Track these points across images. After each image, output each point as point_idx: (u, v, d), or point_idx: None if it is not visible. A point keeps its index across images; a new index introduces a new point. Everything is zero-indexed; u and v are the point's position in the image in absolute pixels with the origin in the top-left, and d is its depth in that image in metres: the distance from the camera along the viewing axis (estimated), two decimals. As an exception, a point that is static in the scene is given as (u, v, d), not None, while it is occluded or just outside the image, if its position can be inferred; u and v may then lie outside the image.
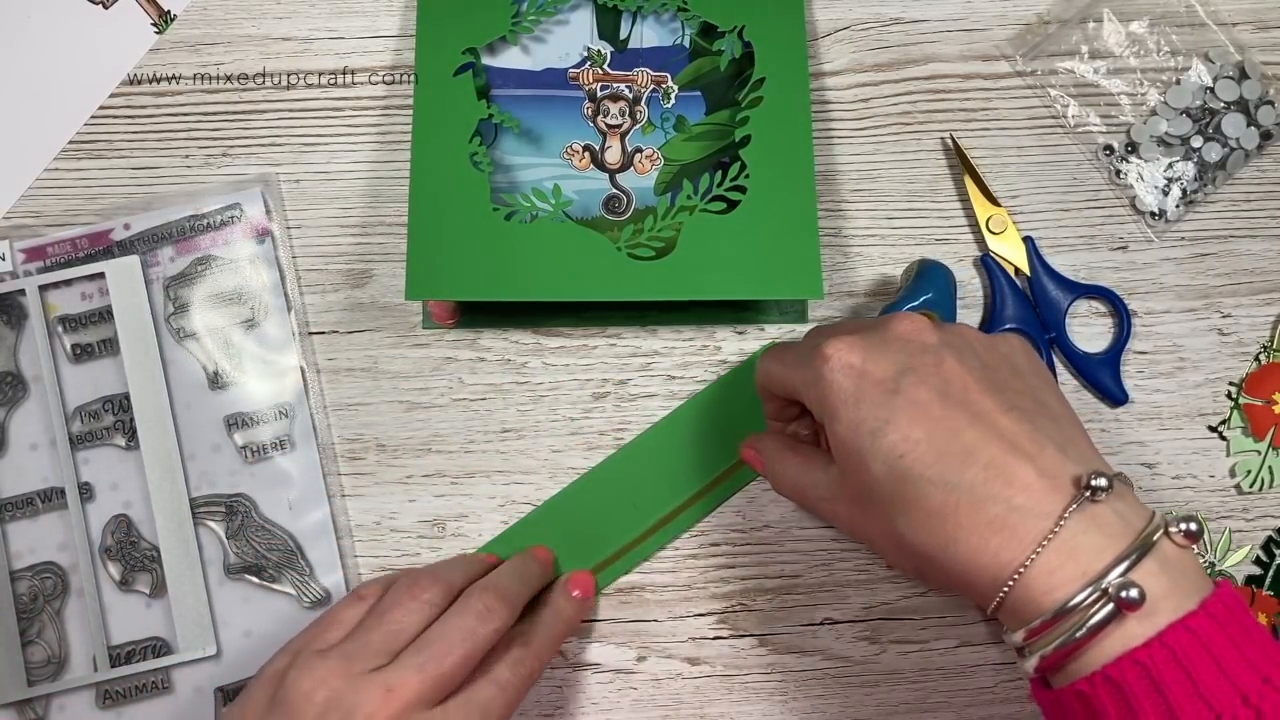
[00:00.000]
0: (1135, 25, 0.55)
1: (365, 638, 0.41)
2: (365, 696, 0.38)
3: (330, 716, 0.38)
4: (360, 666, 0.39)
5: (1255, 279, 0.52)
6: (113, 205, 0.52)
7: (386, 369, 0.51)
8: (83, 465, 0.49)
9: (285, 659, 0.41)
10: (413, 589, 0.43)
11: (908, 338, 0.39)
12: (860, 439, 0.37)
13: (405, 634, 0.41)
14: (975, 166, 0.52)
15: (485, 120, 0.50)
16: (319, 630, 0.42)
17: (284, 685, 0.39)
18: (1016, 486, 0.34)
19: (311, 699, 0.38)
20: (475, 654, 0.41)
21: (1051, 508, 0.34)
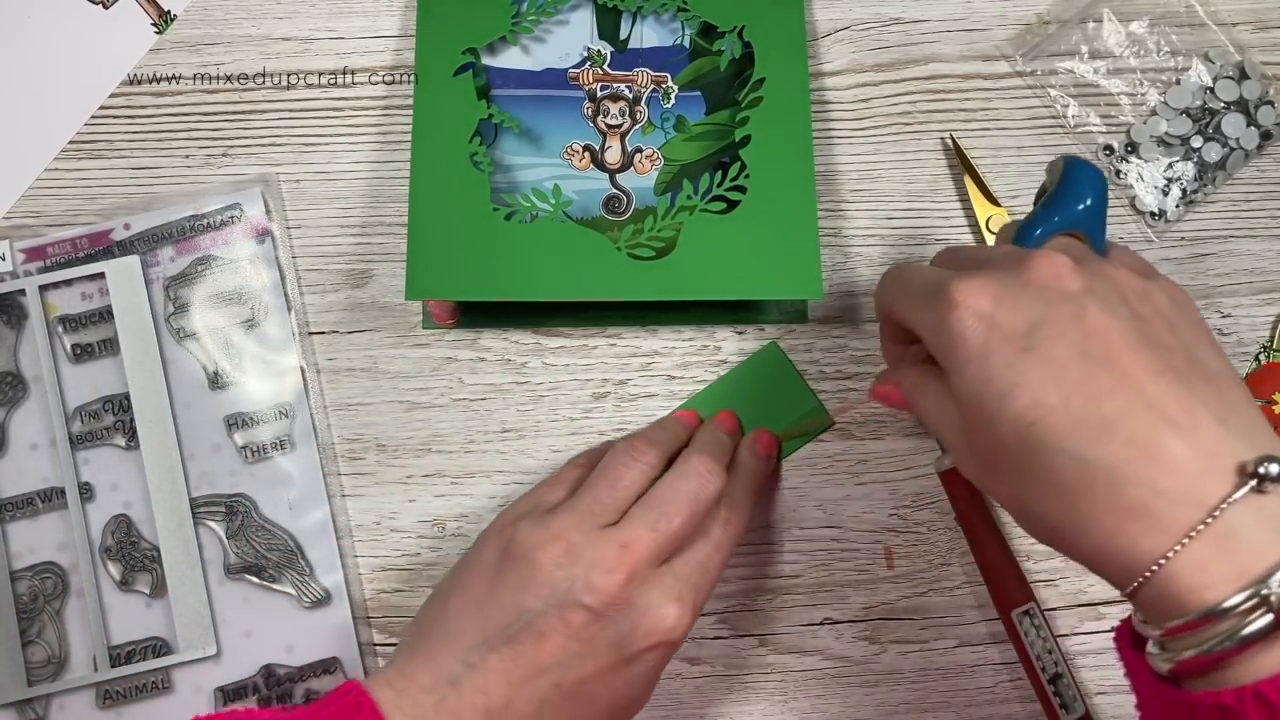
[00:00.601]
0: (1135, 25, 0.55)
1: (594, 495, 0.41)
2: (601, 552, 0.39)
3: (567, 569, 0.39)
4: (592, 522, 0.40)
5: (1255, 279, 0.52)
6: (113, 205, 0.52)
7: (386, 369, 0.51)
8: (83, 465, 0.49)
9: (511, 517, 0.42)
10: (631, 452, 0.43)
11: (1046, 283, 0.34)
12: (987, 400, 0.33)
13: (631, 493, 0.42)
14: (975, 166, 0.52)
15: (485, 120, 0.50)
16: (542, 491, 0.43)
17: (515, 540, 0.40)
18: (1164, 467, 0.30)
19: (547, 551, 0.39)
20: (699, 514, 0.41)
21: (1206, 495, 0.30)
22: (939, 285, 0.35)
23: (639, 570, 0.39)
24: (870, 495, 0.50)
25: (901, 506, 0.50)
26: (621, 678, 0.39)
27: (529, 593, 0.39)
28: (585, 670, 0.38)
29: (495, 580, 0.40)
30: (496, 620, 0.39)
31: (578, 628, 0.38)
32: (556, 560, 0.39)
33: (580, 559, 0.39)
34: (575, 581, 0.38)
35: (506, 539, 0.40)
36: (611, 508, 0.41)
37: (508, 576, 0.39)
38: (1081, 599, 0.50)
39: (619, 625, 0.39)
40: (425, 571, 0.49)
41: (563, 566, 0.39)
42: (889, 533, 0.50)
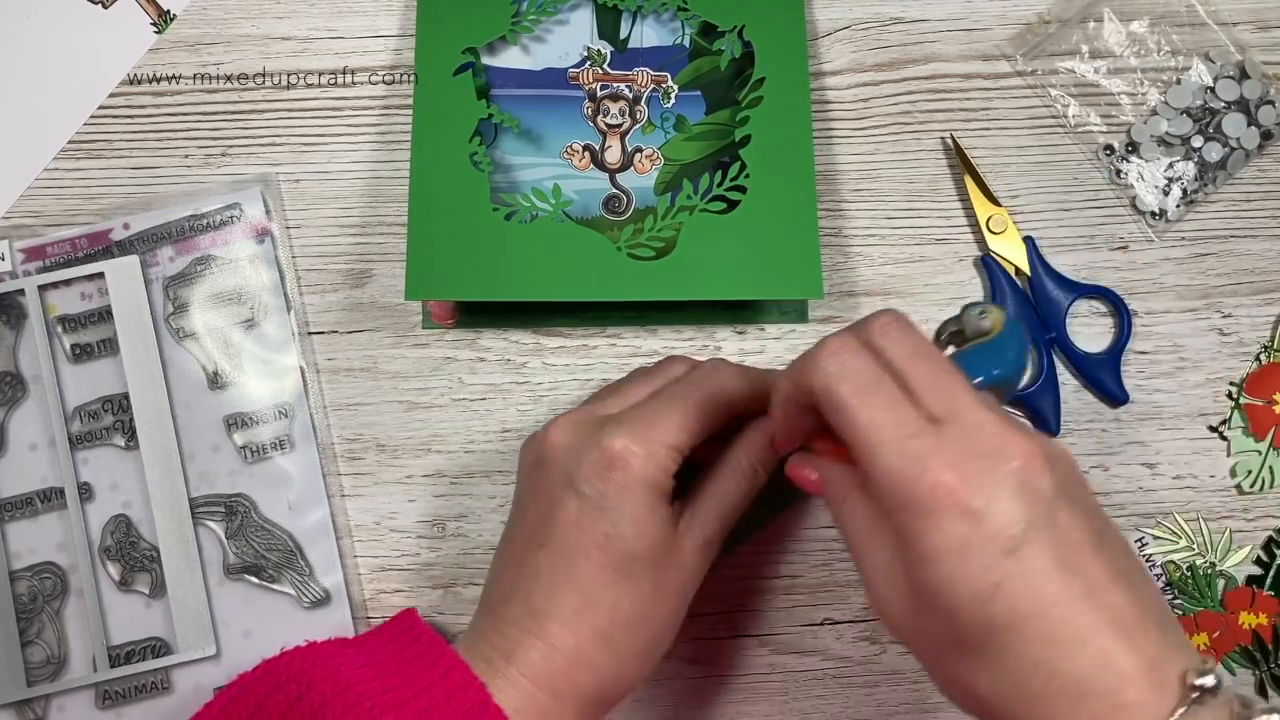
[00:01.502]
0: (1135, 25, 0.55)
1: (600, 399, 0.43)
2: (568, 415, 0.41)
3: (530, 444, 0.41)
4: (596, 412, 0.41)
5: (1256, 279, 0.52)
6: (112, 205, 0.52)
7: (386, 369, 0.51)
8: (82, 465, 0.49)
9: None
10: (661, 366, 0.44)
11: (1025, 476, 0.32)
12: (958, 597, 0.32)
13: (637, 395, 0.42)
14: (975, 166, 0.52)
15: (485, 120, 0.50)
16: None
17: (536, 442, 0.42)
18: (1124, 680, 0.31)
19: (555, 444, 0.40)
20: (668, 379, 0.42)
21: (1160, 709, 0.31)
22: (924, 452, 0.32)
23: (579, 418, 0.40)
24: (870, 495, 0.50)
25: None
26: (589, 515, 0.38)
27: (519, 479, 0.42)
28: (556, 521, 0.38)
29: (517, 485, 0.43)
30: (509, 518, 0.42)
31: (538, 485, 0.40)
32: (532, 435, 0.42)
33: (543, 427, 0.41)
34: (531, 445, 0.41)
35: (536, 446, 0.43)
36: (614, 405, 0.42)
37: (518, 477, 0.43)
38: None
39: (564, 464, 0.39)
40: (425, 571, 0.49)
41: (531, 438, 0.41)
42: (889, 533, 0.50)
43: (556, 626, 0.38)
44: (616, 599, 0.38)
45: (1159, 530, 0.50)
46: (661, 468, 0.38)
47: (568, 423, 0.40)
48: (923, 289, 0.52)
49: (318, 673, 0.37)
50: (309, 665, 0.37)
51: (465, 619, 0.49)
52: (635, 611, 0.38)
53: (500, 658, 0.38)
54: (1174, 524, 0.50)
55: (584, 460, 0.38)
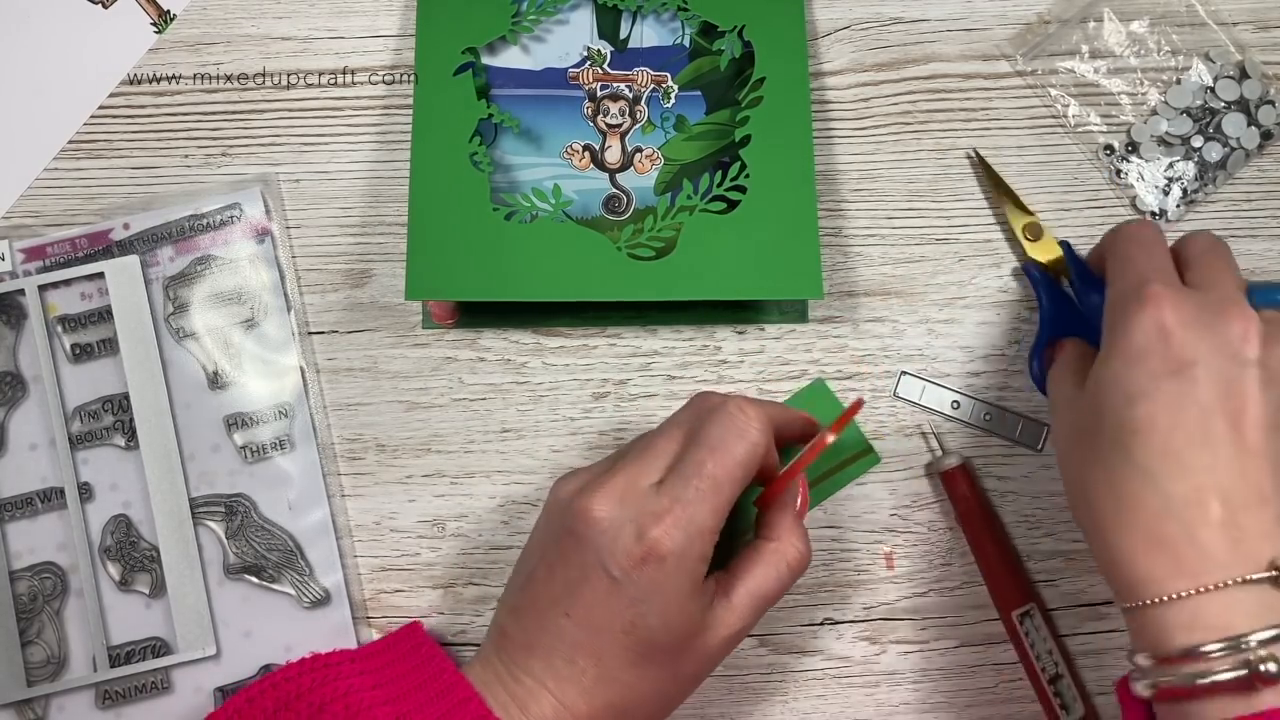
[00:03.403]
0: (1135, 25, 0.55)
1: (638, 461, 0.41)
2: (592, 481, 0.40)
3: (564, 505, 0.40)
4: (638, 483, 0.40)
5: (1256, 279, 0.52)
6: (112, 205, 0.52)
7: (386, 369, 0.51)
8: (82, 465, 0.49)
9: None
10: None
11: (1229, 337, 0.37)
12: (1113, 394, 0.37)
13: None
14: (1002, 177, 0.52)
15: (485, 120, 0.50)
16: None
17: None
18: (1209, 525, 0.34)
19: (558, 493, 0.41)
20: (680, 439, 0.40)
21: (1232, 565, 0.34)
22: (1150, 275, 0.39)
23: (616, 490, 0.39)
24: (870, 495, 0.50)
25: (901, 506, 0.50)
26: (619, 600, 0.38)
27: (544, 531, 0.41)
28: (584, 596, 0.38)
29: (533, 530, 0.43)
30: (527, 563, 0.41)
31: (569, 554, 0.39)
32: (564, 493, 0.41)
33: (576, 490, 0.40)
34: (565, 509, 0.40)
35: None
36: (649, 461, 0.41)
37: (538, 522, 0.43)
38: (1081, 599, 0.49)
39: (599, 544, 0.38)
40: (425, 571, 0.49)
41: (564, 498, 0.40)
42: (889, 533, 0.50)
43: (574, 692, 0.38)
44: (636, 681, 0.39)
45: (1159, 530, 0.50)
46: (699, 557, 0.38)
47: (608, 497, 0.39)
48: (923, 289, 0.52)
49: (329, 692, 0.38)
50: (319, 684, 0.38)
51: (464, 619, 0.49)
52: (653, 692, 0.39)
53: (516, 706, 0.38)
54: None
55: (619, 544, 0.38)
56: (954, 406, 0.51)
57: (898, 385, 0.51)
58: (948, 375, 0.51)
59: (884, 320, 0.52)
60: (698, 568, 0.38)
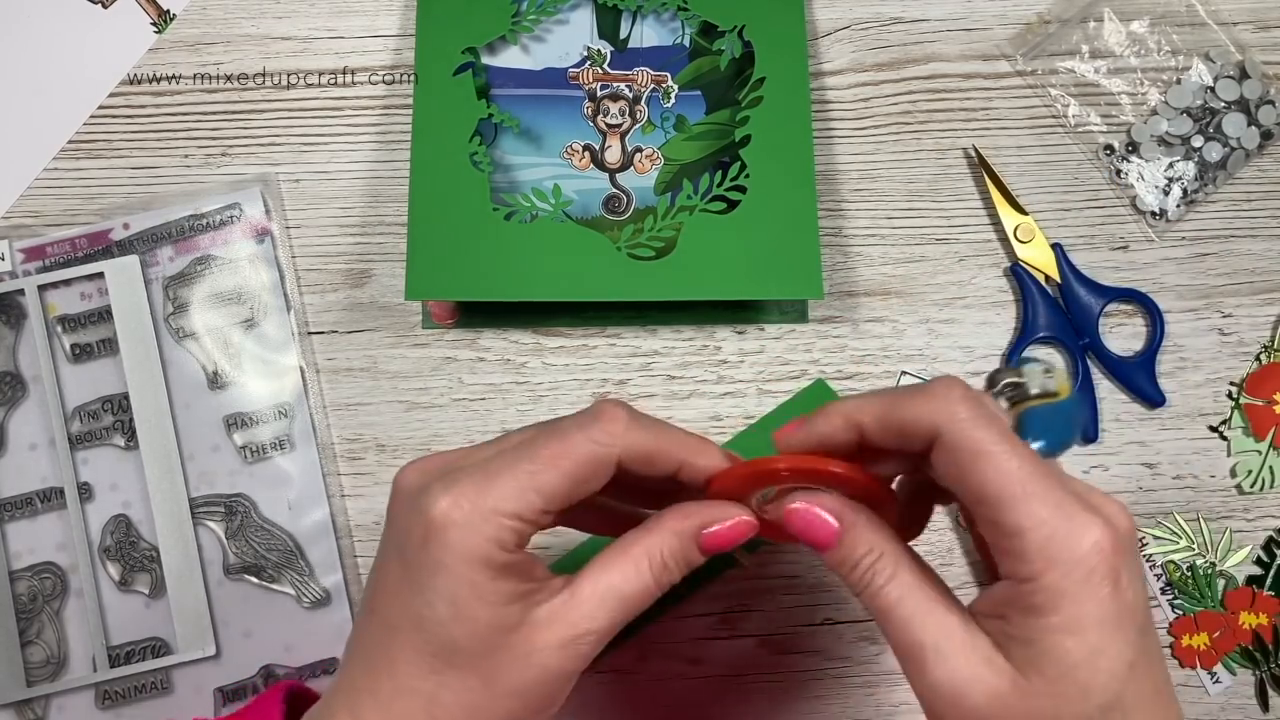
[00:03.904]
0: (1136, 25, 0.55)
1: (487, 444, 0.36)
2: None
3: (405, 509, 0.33)
4: (454, 460, 0.34)
5: (1256, 279, 0.52)
6: (112, 205, 0.52)
7: (386, 369, 0.51)
8: (82, 465, 0.49)
9: None
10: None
11: (1134, 543, 0.31)
12: (1094, 675, 0.29)
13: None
14: (999, 175, 0.52)
15: (485, 120, 0.50)
16: None
17: None
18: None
19: (400, 489, 0.34)
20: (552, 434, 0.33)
21: None
22: (1076, 510, 0.29)
23: (432, 464, 0.33)
24: (870, 495, 0.50)
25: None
26: (410, 588, 0.31)
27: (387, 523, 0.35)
28: (381, 590, 0.32)
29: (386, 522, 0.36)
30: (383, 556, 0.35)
31: (383, 533, 0.34)
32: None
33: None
34: (393, 484, 0.34)
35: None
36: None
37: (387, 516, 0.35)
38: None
39: (397, 520, 0.33)
40: (425, 572, 0.49)
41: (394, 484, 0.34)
42: (889, 533, 0.50)
43: (369, 706, 0.32)
44: (435, 691, 0.31)
45: (1159, 530, 0.50)
46: (491, 539, 0.31)
47: (421, 467, 0.33)
48: (923, 289, 0.52)
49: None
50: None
51: (465, 619, 0.49)
52: (460, 708, 0.31)
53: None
54: (1174, 524, 0.50)
55: (411, 521, 0.32)
56: (954, 406, 0.51)
57: (898, 385, 0.51)
58: (948, 375, 0.51)
59: (884, 320, 0.52)
60: (490, 551, 0.31)
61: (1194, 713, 0.49)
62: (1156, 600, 0.50)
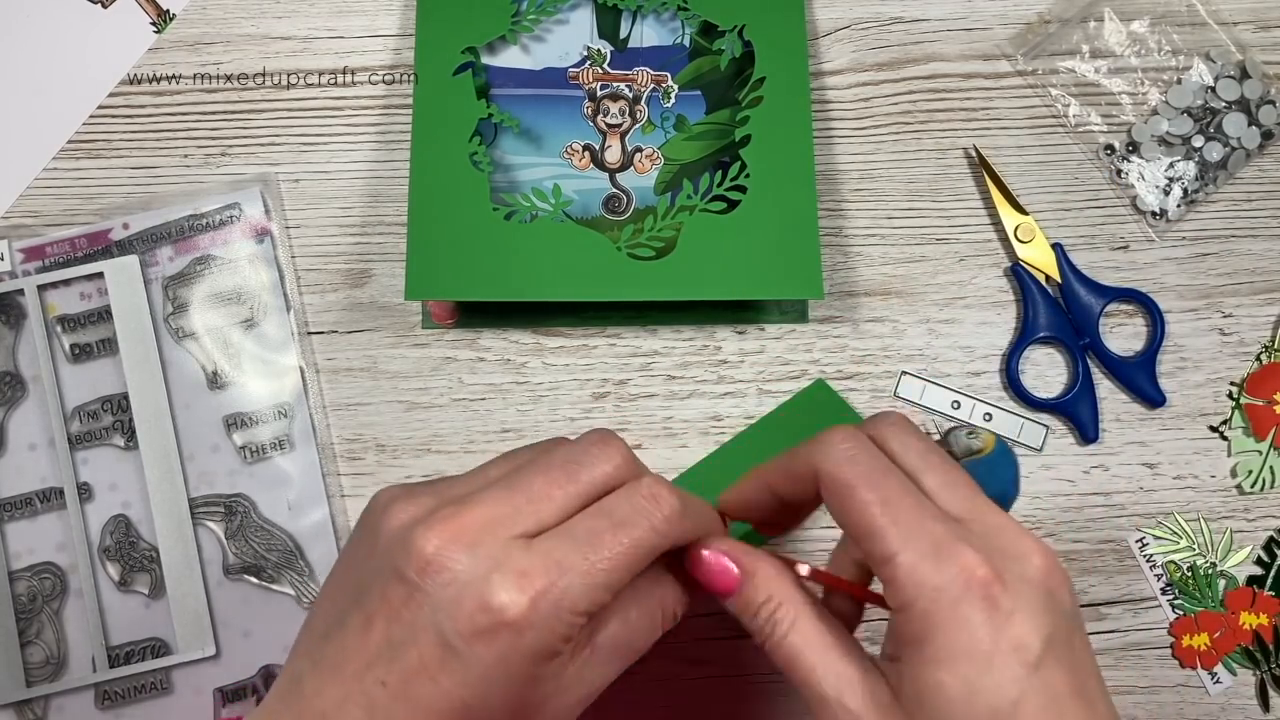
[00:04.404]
0: (1136, 24, 0.54)
1: (467, 475, 0.34)
2: (433, 509, 0.31)
3: (399, 531, 0.31)
4: (450, 488, 0.33)
5: (1256, 279, 0.52)
6: (111, 205, 0.52)
7: (386, 369, 0.51)
8: (81, 465, 0.49)
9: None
10: (545, 445, 0.35)
11: (1049, 586, 0.30)
12: (975, 710, 0.28)
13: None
14: (1000, 175, 0.52)
15: (485, 120, 0.50)
16: None
17: (372, 506, 0.33)
18: None
19: (391, 514, 0.32)
20: (587, 486, 0.32)
21: None
22: (947, 538, 0.29)
23: (468, 531, 0.30)
24: (871, 495, 0.50)
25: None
26: (453, 676, 0.29)
27: (367, 562, 0.32)
28: (409, 663, 0.30)
29: (347, 555, 0.34)
30: (338, 602, 0.32)
31: (398, 606, 0.30)
32: (395, 522, 0.31)
33: (415, 520, 0.31)
34: (395, 542, 0.31)
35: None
36: (483, 479, 0.33)
37: (357, 542, 0.33)
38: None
39: (438, 600, 0.29)
40: (425, 572, 0.49)
41: (396, 529, 0.31)
42: (889, 533, 0.50)
43: None
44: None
45: (1159, 530, 0.50)
46: (562, 636, 0.30)
47: (459, 540, 0.30)
48: (923, 289, 0.52)
49: None
50: None
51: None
52: None
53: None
54: (1174, 524, 0.50)
55: (466, 604, 0.29)
56: (954, 406, 0.51)
57: (898, 385, 0.51)
58: (948, 375, 0.51)
59: (884, 320, 0.52)
60: (558, 646, 0.30)
61: (1194, 713, 0.49)
62: (1157, 600, 0.50)
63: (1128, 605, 0.50)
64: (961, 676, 0.28)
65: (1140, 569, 0.50)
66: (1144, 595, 0.50)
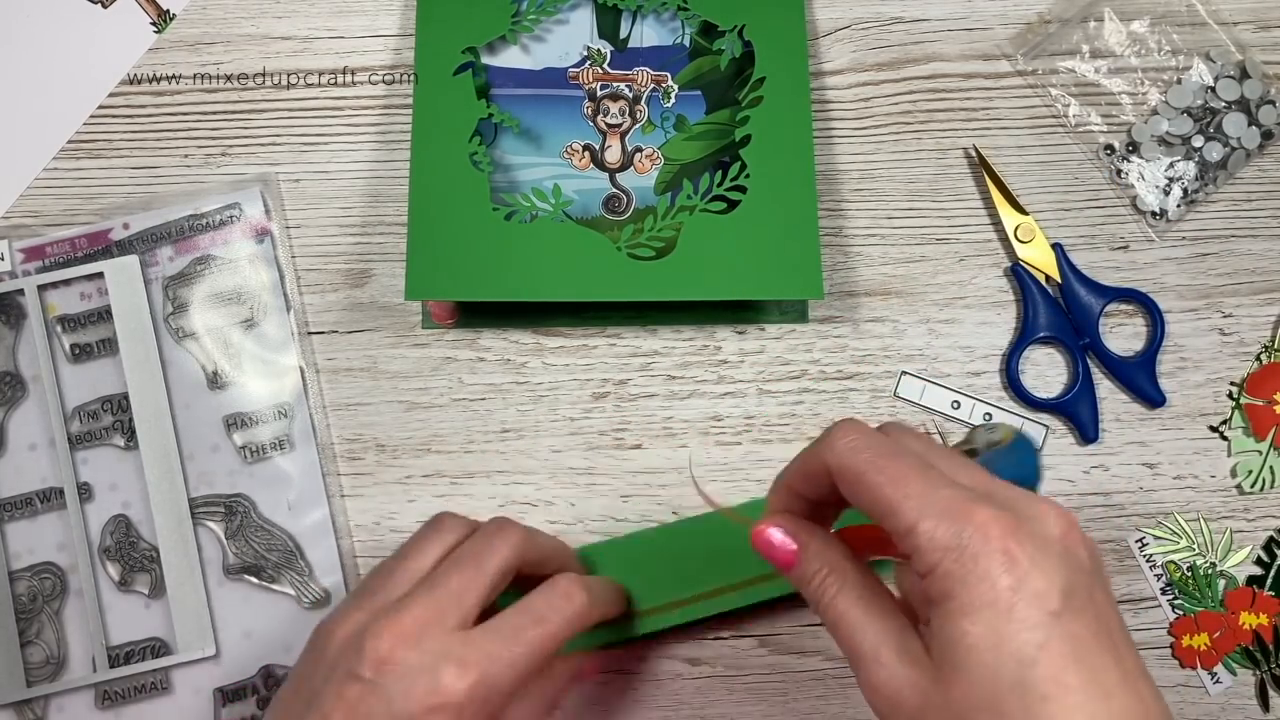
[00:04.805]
0: (1136, 24, 0.54)
1: (385, 571, 0.40)
2: (377, 616, 0.37)
3: (346, 641, 0.37)
4: (383, 597, 0.39)
5: (1256, 279, 0.52)
6: (112, 205, 0.52)
7: (386, 369, 0.51)
8: (81, 465, 0.49)
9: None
10: (434, 526, 0.42)
11: (1066, 543, 0.31)
12: (1000, 659, 0.29)
13: (425, 566, 0.40)
14: (1000, 175, 0.52)
15: (485, 120, 0.50)
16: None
17: (320, 624, 0.40)
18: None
19: (335, 627, 0.38)
20: (496, 579, 0.39)
21: None
22: (960, 500, 0.31)
23: (411, 631, 0.37)
24: (871, 495, 0.50)
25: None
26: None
27: (316, 672, 0.37)
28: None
29: (294, 675, 0.39)
30: (295, 710, 0.37)
31: (354, 701, 0.36)
32: (341, 636, 0.38)
33: (361, 628, 0.37)
34: (347, 650, 0.37)
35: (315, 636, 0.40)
36: (405, 581, 0.39)
37: (305, 662, 0.39)
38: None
39: (392, 693, 0.36)
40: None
41: (343, 640, 0.37)
42: (889, 533, 0.50)
43: None
44: None
45: (1159, 530, 0.50)
46: (492, 716, 0.37)
47: (406, 639, 0.36)
48: (923, 289, 0.52)
49: None
50: None
51: (465, 619, 0.49)
52: None
53: None
54: (1174, 524, 0.50)
55: (415, 689, 0.36)
56: (954, 406, 0.51)
57: (898, 385, 0.51)
58: (948, 375, 0.51)
59: (884, 320, 0.52)
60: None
61: (1194, 713, 0.49)
62: (1157, 600, 0.50)
63: (1127, 605, 0.50)
64: (986, 625, 0.29)
65: (1140, 569, 0.50)
66: (1144, 595, 0.50)
